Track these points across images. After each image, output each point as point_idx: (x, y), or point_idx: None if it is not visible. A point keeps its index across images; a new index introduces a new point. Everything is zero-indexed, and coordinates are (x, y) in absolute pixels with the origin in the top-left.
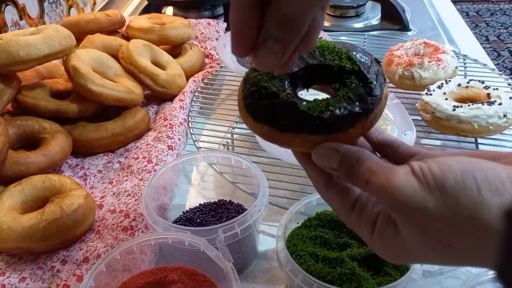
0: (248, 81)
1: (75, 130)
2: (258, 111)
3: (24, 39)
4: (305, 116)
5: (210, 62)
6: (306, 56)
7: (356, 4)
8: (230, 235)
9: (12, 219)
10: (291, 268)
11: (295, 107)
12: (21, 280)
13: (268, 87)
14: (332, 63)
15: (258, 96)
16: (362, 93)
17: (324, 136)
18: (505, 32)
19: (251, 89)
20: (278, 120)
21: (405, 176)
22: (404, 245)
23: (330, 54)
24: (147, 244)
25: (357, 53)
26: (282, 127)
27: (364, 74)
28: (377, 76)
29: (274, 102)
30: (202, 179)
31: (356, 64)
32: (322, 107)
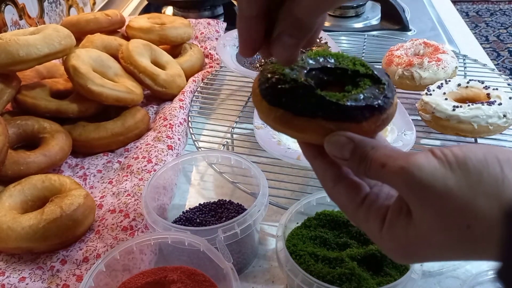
0: (266, 70)
1: (75, 130)
2: (275, 94)
3: (24, 39)
4: (322, 101)
5: (210, 62)
6: (322, 60)
7: (356, 4)
8: (230, 235)
9: (12, 219)
10: (291, 268)
11: (313, 91)
12: (20, 280)
13: (287, 73)
14: (347, 67)
15: (276, 81)
16: (376, 93)
17: (338, 123)
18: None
19: (269, 76)
20: (294, 102)
21: (425, 157)
22: (415, 234)
23: (345, 60)
24: (146, 244)
25: (369, 64)
26: (298, 110)
27: (378, 77)
28: (388, 83)
29: (292, 86)
30: (202, 179)
31: (369, 69)
32: (339, 96)
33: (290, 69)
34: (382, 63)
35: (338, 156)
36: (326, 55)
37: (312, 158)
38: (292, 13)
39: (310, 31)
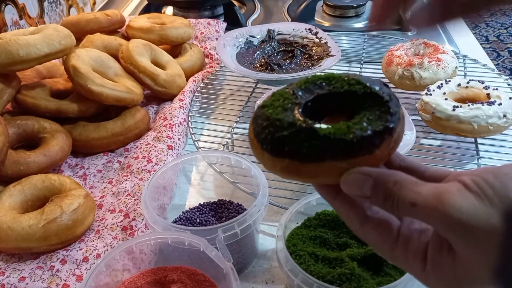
0: (259, 118)
1: (75, 130)
2: (276, 144)
3: (24, 39)
4: (327, 141)
5: (210, 62)
6: (313, 87)
7: (356, 4)
8: (230, 235)
9: (12, 219)
10: (290, 268)
11: (315, 133)
12: (20, 280)
13: (282, 119)
14: (342, 89)
15: (273, 130)
16: (381, 113)
17: (350, 161)
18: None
19: (264, 124)
20: (298, 150)
21: (459, 192)
22: (464, 272)
23: (338, 82)
24: (146, 244)
25: (366, 78)
26: (304, 157)
27: (378, 94)
28: (390, 96)
29: (292, 132)
30: (202, 179)
31: (367, 86)
32: (344, 130)
33: (284, 110)
34: (382, 63)
35: (359, 195)
36: (316, 80)
37: (331, 199)
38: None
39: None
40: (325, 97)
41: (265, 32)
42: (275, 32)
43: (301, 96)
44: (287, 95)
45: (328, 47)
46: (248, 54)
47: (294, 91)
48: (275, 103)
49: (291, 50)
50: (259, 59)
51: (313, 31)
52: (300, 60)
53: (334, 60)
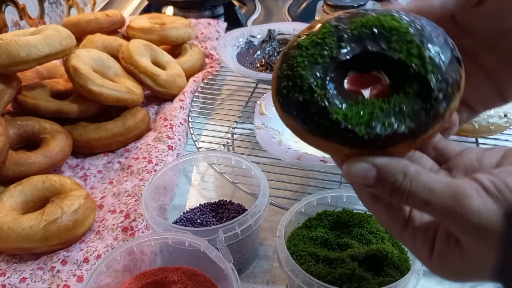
0: (287, 59)
1: (75, 130)
2: (288, 102)
3: (24, 39)
4: (337, 126)
5: (210, 62)
6: (366, 35)
7: (356, 4)
8: (231, 235)
9: (13, 220)
10: (291, 268)
11: (328, 114)
12: (21, 281)
13: (304, 77)
14: (395, 56)
15: (291, 84)
16: (419, 109)
17: (356, 150)
18: None
19: (286, 73)
20: (306, 120)
21: (478, 196)
22: (471, 265)
23: (398, 42)
24: (147, 245)
25: (433, 46)
26: (310, 130)
27: (430, 85)
28: (447, 84)
29: (305, 100)
30: (202, 179)
31: (425, 66)
32: (362, 119)
33: (314, 63)
34: None
35: (361, 184)
36: (379, 26)
37: (341, 164)
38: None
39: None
40: (372, 55)
41: (265, 32)
42: (276, 32)
43: (344, 48)
44: (330, 40)
45: None
46: (249, 54)
47: (341, 36)
48: (310, 49)
49: None
50: (260, 59)
51: None
52: None
53: None
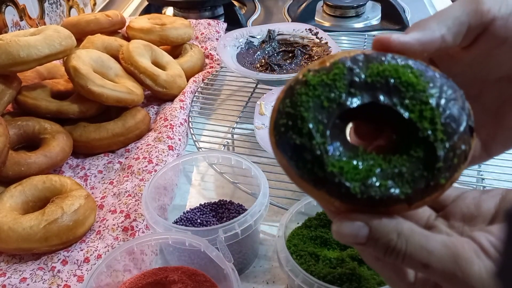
0: (291, 95)
1: (75, 131)
2: (283, 141)
3: (24, 40)
4: (331, 178)
5: (210, 62)
6: (379, 85)
7: (356, 4)
8: (231, 235)
9: (13, 220)
10: (291, 268)
11: (322, 164)
12: (21, 281)
13: (306, 119)
14: (406, 114)
15: (290, 124)
16: (420, 176)
17: (346, 205)
18: None
19: (288, 110)
20: (299, 164)
21: (478, 259)
22: None
23: (412, 100)
24: (147, 245)
25: (449, 112)
26: (302, 175)
27: (436, 154)
28: (454, 155)
29: (302, 144)
30: (203, 180)
31: (435, 133)
32: (358, 175)
33: (320, 106)
34: None
35: (351, 243)
36: (395, 78)
37: (329, 212)
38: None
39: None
40: (382, 108)
41: (265, 32)
42: (276, 32)
43: (354, 95)
44: (340, 84)
45: (329, 47)
46: (249, 55)
47: (353, 82)
48: (318, 89)
49: (292, 50)
50: (260, 60)
51: (313, 31)
52: (301, 60)
53: None
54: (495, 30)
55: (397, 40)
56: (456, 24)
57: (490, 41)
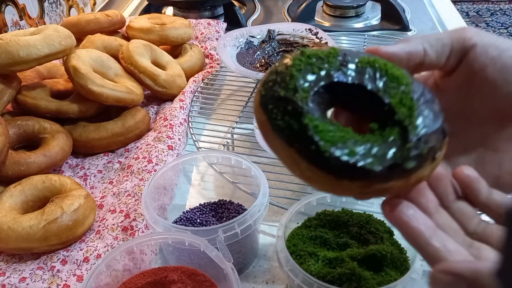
0: (286, 60)
1: (75, 130)
2: (268, 95)
3: (24, 39)
4: (304, 132)
5: (210, 62)
6: (367, 72)
7: (356, 4)
8: (230, 235)
9: (12, 219)
10: (291, 268)
11: (300, 115)
12: (21, 280)
13: (295, 77)
14: (387, 99)
15: (279, 80)
16: (388, 156)
17: (311, 166)
18: (505, 32)
19: (279, 69)
20: (278, 116)
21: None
22: None
23: (394, 89)
24: (147, 244)
25: (426, 108)
26: (277, 127)
27: (407, 137)
28: (424, 146)
29: (285, 96)
30: (202, 179)
31: (410, 118)
32: (330, 137)
33: (310, 71)
34: None
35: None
36: (382, 70)
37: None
38: None
39: None
40: (365, 92)
41: (265, 32)
42: (275, 32)
43: (343, 72)
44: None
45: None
46: (248, 54)
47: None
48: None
49: (291, 50)
50: (259, 59)
51: (313, 31)
52: None
53: None
54: (475, 56)
55: (385, 49)
56: (439, 44)
57: (470, 67)
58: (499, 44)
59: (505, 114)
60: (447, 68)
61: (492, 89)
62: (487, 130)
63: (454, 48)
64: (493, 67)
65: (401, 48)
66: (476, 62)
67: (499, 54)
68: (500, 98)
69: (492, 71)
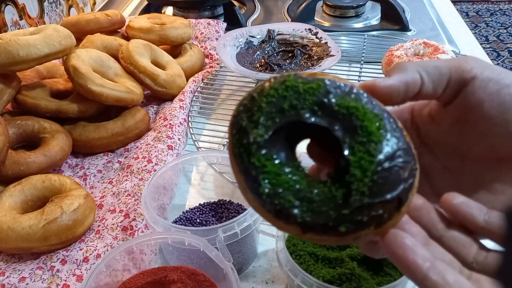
0: (267, 85)
1: (75, 130)
2: (237, 117)
3: (24, 39)
4: (250, 168)
5: (210, 62)
6: (341, 117)
7: (356, 4)
8: (230, 235)
9: (12, 219)
10: (290, 268)
11: (249, 153)
12: (21, 280)
13: (262, 109)
14: (346, 153)
15: (249, 106)
16: (324, 212)
17: (255, 202)
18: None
19: (254, 95)
20: (236, 142)
21: None
22: None
23: (361, 145)
24: (147, 244)
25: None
26: (234, 152)
27: (349, 199)
28: (368, 212)
29: (245, 127)
30: (202, 179)
31: (359, 182)
32: (274, 180)
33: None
34: (382, 63)
35: None
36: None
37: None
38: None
39: None
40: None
41: (265, 32)
42: (275, 32)
43: (314, 113)
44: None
45: (328, 47)
46: (248, 54)
47: (321, 102)
48: (289, 91)
49: (291, 50)
50: (259, 59)
51: (313, 31)
52: (300, 60)
53: (334, 60)
54: (473, 90)
55: (382, 84)
56: (437, 73)
57: (467, 101)
58: (500, 79)
59: (501, 154)
60: (443, 99)
61: (489, 127)
62: (482, 168)
63: (452, 78)
64: (490, 103)
65: (398, 79)
66: (473, 97)
67: (498, 90)
68: (496, 137)
69: (489, 108)
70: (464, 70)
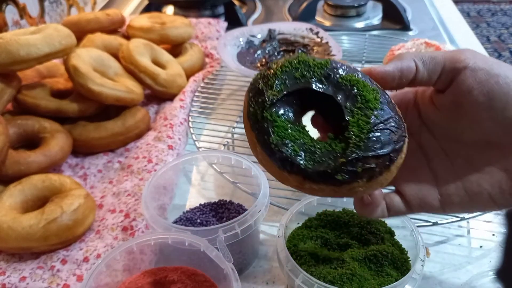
0: (284, 60)
1: (75, 130)
2: (255, 83)
3: (24, 39)
4: (261, 123)
5: (210, 61)
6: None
7: (357, 4)
8: (231, 235)
9: (12, 219)
10: (291, 268)
11: (263, 109)
12: (21, 280)
13: (277, 76)
14: (347, 116)
15: (266, 74)
16: (325, 161)
17: (263, 152)
18: (506, 33)
19: (273, 66)
20: (252, 103)
21: None
22: None
23: (360, 109)
24: (147, 244)
25: (381, 133)
26: (249, 113)
27: (346, 151)
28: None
29: (261, 89)
30: (203, 179)
31: (357, 136)
32: (282, 133)
33: (293, 76)
34: (383, 63)
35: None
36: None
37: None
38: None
39: None
40: (335, 105)
41: (266, 31)
42: (276, 31)
43: (321, 82)
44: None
45: (329, 46)
46: (249, 54)
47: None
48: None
49: (292, 49)
50: (260, 59)
51: (314, 31)
52: None
53: None
54: (465, 77)
55: (378, 69)
56: (432, 62)
57: (459, 88)
58: (490, 69)
59: (490, 139)
60: (438, 86)
61: (478, 113)
62: (474, 152)
63: (446, 67)
64: (479, 91)
65: (394, 66)
66: (464, 84)
67: (487, 79)
68: (484, 123)
69: (478, 95)
70: (457, 60)
